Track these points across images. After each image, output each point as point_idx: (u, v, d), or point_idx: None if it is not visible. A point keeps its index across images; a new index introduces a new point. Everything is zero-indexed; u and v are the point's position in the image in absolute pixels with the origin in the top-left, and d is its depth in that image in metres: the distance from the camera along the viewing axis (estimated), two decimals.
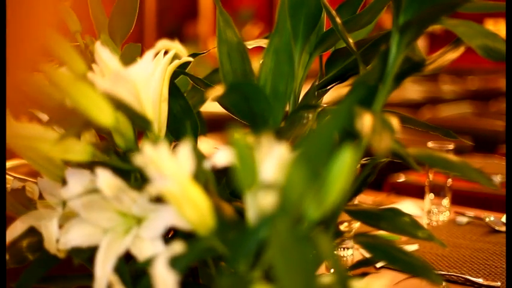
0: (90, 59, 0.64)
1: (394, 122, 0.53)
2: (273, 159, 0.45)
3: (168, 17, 8.36)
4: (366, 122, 0.49)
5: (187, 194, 0.47)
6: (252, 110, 0.59)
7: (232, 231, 0.49)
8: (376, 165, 0.65)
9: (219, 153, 0.48)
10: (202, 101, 0.80)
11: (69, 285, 0.64)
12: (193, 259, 0.48)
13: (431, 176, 1.36)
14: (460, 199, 1.60)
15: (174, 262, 0.47)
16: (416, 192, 1.59)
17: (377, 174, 0.68)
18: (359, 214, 0.67)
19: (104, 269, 0.51)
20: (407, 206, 1.43)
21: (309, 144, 0.43)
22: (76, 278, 0.63)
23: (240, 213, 0.50)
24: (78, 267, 0.56)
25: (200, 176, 0.52)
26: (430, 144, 1.38)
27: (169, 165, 0.46)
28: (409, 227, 0.65)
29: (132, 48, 0.70)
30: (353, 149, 0.42)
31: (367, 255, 0.67)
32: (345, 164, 0.41)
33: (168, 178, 0.46)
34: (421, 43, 8.09)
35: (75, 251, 0.54)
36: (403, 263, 0.59)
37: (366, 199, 1.52)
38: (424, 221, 1.37)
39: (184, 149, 0.48)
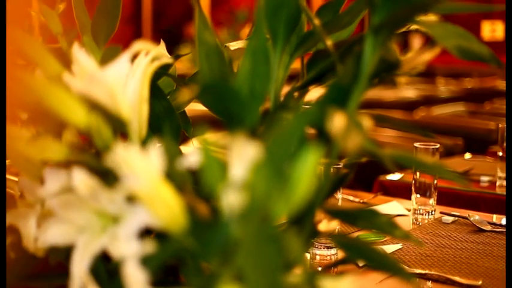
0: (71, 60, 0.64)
1: (366, 121, 0.53)
2: (243, 158, 0.46)
3: (165, 18, 8.36)
4: (336, 122, 0.50)
5: (157, 193, 0.47)
6: (228, 110, 0.60)
7: (205, 229, 0.50)
8: (353, 165, 0.66)
9: (191, 154, 0.48)
10: (187, 101, 0.81)
11: (50, 283, 0.65)
12: (164, 258, 0.49)
13: (417, 175, 1.37)
14: (449, 199, 1.60)
15: (146, 261, 0.47)
16: (407, 191, 1.60)
17: (368, 173, 0.68)
18: (337, 213, 0.67)
19: (79, 267, 0.52)
20: (394, 205, 1.44)
21: (274, 143, 0.44)
22: (56, 276, 0.64)
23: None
24: (63, 266, 0.57)
25: (174, 175, 0.52)
26: (416, 144, 1.39)
27: (140, 164, 0.47)
28: (386, 226, 0.65)
29: (112, 50, 0.71)
30: (317, 148, 0.43)
31: None
32: (308, 163, 0.42)
33: (138, 177, 0.46)
34: (417, 42, 8.11)
35: (53, 250, 0.55)
36: (377, 262, 0.60)
37: (355, 199, 1.53)
38: (410, 220, 1.38)
39: (156, 148, 0.48)
